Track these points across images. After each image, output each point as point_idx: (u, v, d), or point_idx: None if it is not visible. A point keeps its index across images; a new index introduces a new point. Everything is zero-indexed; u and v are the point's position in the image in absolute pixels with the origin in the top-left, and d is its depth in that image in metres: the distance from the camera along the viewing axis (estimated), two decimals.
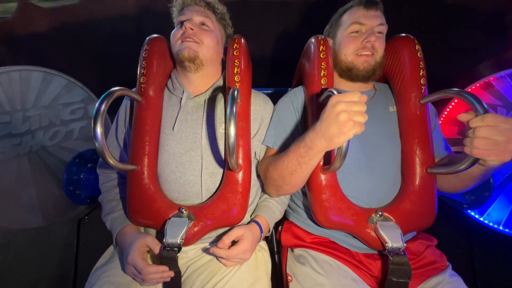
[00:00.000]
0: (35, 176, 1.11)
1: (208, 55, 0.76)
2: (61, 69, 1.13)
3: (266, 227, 0.77)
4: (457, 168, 0.62)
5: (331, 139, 0.54)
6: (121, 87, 0.65)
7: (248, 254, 0.69)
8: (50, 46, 1.16)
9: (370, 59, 0.76)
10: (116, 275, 0.68)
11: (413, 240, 0.77)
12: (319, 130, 0.56)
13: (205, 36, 0.75)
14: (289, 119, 0.80)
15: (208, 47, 0.75)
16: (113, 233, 0.75)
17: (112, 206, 0.78)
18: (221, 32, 0.81)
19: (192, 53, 0.73)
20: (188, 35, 0.72)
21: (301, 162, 0.63)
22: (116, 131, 0.81)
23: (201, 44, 0.74)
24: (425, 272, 0.71)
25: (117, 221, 0.75)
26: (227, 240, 0.66)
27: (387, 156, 0.76)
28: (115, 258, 0.73)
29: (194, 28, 0.73)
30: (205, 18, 0.76)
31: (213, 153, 0.75)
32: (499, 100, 1.11)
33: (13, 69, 1.03)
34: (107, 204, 0.79)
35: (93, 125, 0.56)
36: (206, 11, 0.77)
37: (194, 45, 0.73)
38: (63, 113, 1.15)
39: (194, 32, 0.73)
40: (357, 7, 0.77)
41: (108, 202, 0.79)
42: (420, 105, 0.75)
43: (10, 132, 1.05)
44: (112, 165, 0.62)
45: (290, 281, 0.74)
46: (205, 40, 0.75)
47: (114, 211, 0.77)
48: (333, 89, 0.61)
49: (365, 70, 0.76)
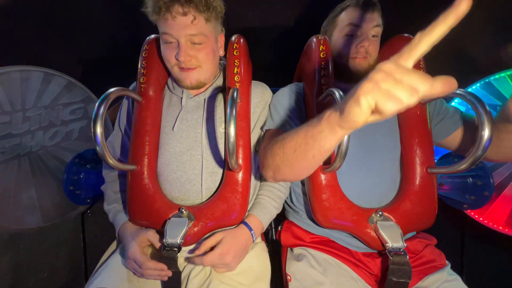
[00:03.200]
0: (35, 176, 1.11)
1: (209, 73, 0.75)
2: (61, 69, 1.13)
3: (257, 225, 0.74)
4: (457, 168, 0.62)
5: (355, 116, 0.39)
6: (121, 87, 0.65)
7: (228, 257, 0.65)
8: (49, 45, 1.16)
9: (364, 62, 0.76)
10: (113, 276, 0.68)
11: (412, 239, 0.77)
12: (345, 101, 0.42)
13: (201, 56, 0.69)
14: (291, 103, 0.79)
15: (207, 68, 0.73)
16: (115, 226, 0.75)
17: (117, 198, 0.79)
18: (213, 30, 0.71)
19: (194, 82, 0.73)
20: (184, 66, 0.69)
21: (308, 136, 0.50)
22: (119, 121, 0.82)
23: (200, 68, 0.71)
24: (423, 270, 0.71)
25: (120, 215, 0.76)
26: (203, 247, 0.67)
27: (385, 153, 0.76)
28: (114, 257, 0.73)
29: (188, 56, 0.67)
30: (194, 35, 0.65)
31: (214, 152, 0.75)
32: (499, 100, 1.11)
33: (13, 69, 1.03)
34: (112, 194, 0.79)
35: (93, 126, 0.56)
36: (191, 20, 0.64)
37: (193, 73, 0.71)
38: (63, 113, 1.15)
39: (189, 61, 0.68)
40: (354, 8, 0.77)
41: (113, 192, 0.79)
42: (420, 105, 0.74)
43: (10, 132, 1.05)
44: (112, 165, 0.62)
45: (289, 281, 0.73)
46: (202, 62, 0.70)
47: (118, 203, 0.78)
48: (333, 89, 0.61)
49: (357, 72, 0.77)
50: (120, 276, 0.67)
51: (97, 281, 0.65)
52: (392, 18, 0.79)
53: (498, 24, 1.10)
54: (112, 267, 0.69)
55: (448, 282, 0.67)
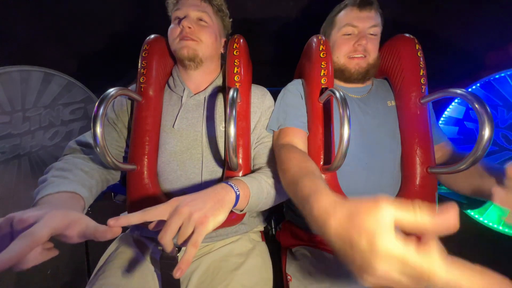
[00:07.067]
0: (35, 176, 1.11)
1: (207, 52, 0.76)
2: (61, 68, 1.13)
3: (240, 183, 0.60)
4: (458, 168, 0.62)
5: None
6: (121, 87, 0.65)
7: (186, 207, 0.47)
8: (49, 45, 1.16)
9: (362, 61, 0.76)
10: (113, 276, 0.68)
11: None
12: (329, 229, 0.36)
13: (203, 33, 0.74)
14: (296, 100, 0.79)
15: (207, 45, 0.75)
16: (41, 192, 0.53)
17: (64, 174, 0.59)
18: (219, 25, 0.80)
19: (191, 52, 0.73)
20: (186, 34, 0.72)
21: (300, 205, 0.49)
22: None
23: (200, 42, 0.74)
24: None
25: (63, 183, 0.56)
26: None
27: (387, 152, 0.76)
28: (113, 258, 0.73)
29: (191, 26, 0.72)
30: (202, 13, 0.74)
31: (213, 151, 0.75)
32: (499, 100, 1.11)
33: (13, 69, 1.03)
34: (57, 171, 0.59)
35: (92, 126, 0.56)
36: (202, 4, 0.75)
37: (193, 43, 0.73)
38: (63, 113, 1.15)
39: (192, 31, 0.72)
40: (351, 7, 0.77)
41: (59, 169, 0.60)
42: (420, 105, 0.74)
43: (10, 132, 1.05)
44: (113, 166, 0.62)
45: (290, 281, 0.73)
46: (203, 37, 0.74)
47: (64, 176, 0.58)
48: (333, 89, 0.61)
49: (357, 72, 0.77)
50: (122, 274, 0.67)
51: (100, 278, 0.66)
52: (392, 18, 0.79)
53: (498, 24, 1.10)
54: (114, 264, 0.69)
55: None
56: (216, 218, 0.49)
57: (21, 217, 0.40)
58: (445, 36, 1.11)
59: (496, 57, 1.13)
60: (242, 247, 0.76)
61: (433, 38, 1.09)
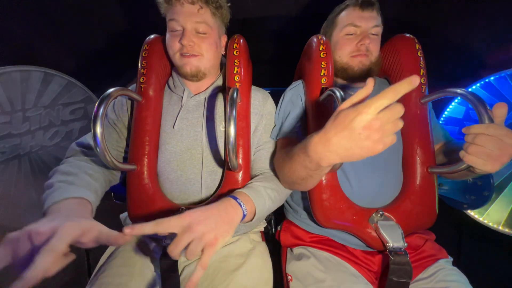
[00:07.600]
0: (35, 176, 1.11)
1: (210, 64, 0.76)
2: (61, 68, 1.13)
3: (247, 199, 0.62)
4: (458, 168, 0.62)
5: (348, 157, 0.44)
6: (121, 87, 0.65)
7: (199, 227, 0.49)
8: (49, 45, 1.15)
9: (365, 59, 0.76)
10: (113, 275, 0.68)
11: (411, 235, 0.76)
12: (329, 147, 0.44)
13: (204, 45, 0.72)
14: (295, 109, 0.80)
15: (208, 59, 0.74)
16: (49, 198, 0.55)
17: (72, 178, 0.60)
18: (218, 26, 0.76)
19: (194, 69, 0.73)
20: (187, 50, 0.70)
21: (310, 174, 0.57)
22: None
23: (201, 57, 0.72)
24: (424, 263, 0.71)
25: (71, 188, 0.57)
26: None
27: (391, 153, 0.76)
28: (113, 258, 0.73)
29: (191, 42, 0.69)
30: (199, 24, 0.69)
31: (213, 151, 0.75)
32: (499, 100, 1.11)
33: (13, 69, 1.03)
34: (62, 176, 0.60)
35: (92, 126, 0.56)
36: (199, 12, 0.69)
37: (195, 60, 0.72)
38: (63, 113, 1.15)
39: (192, 47, 0.70)
40: (353, 8, 0.77)
41: (64, 173, 0.61)
42: (420, 105, 0.74)
43: (10, 132, 1.05)
44: (112, 166, 0.62)
45: (290, 281, 0.73)
46: (204, 50, 0.72)
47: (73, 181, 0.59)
48: (333, 89, 0.61)
49: (360, 70, 0.77)
50: (122, 273, 0.67)
51: (100, 278, 0.66)
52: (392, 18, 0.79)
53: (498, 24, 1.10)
54: (115, 264, 0.69)
55: (450, 270, 0.68)
56: (225, 239, 0.52)
57: (38, 230, 0.43)
58: (445, 36, 1.11)
59: (496, 57, 1.13)
60: (242, 247, 0.76)
61: (433, 38, 1.09)
